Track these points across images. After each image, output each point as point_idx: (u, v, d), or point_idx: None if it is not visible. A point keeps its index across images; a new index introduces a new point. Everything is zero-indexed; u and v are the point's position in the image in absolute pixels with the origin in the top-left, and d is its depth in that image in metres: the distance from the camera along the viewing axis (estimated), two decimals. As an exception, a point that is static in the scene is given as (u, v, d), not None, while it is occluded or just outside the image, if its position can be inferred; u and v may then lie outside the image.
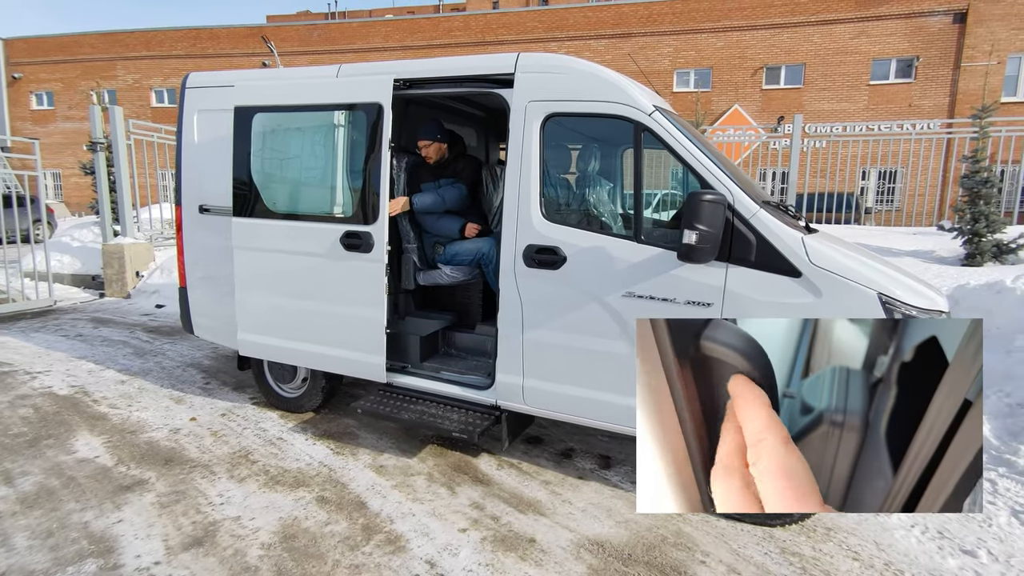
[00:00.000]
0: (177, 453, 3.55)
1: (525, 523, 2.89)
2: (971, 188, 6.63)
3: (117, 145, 8.63)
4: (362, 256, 3.49)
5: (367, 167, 3.43)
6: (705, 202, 2.57)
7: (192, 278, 4.46)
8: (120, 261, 8.55)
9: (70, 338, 6.10)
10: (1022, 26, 18.67)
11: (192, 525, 2.79)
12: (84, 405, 4.27)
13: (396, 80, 3.39)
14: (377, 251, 3.44)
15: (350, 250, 3.51)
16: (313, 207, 3.70)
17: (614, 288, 2.98)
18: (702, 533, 2.84)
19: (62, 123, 27.58)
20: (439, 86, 3.48)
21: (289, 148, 3.73)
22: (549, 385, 3.22)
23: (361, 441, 3.78)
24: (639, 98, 2.94)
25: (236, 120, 3.74)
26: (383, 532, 2.79)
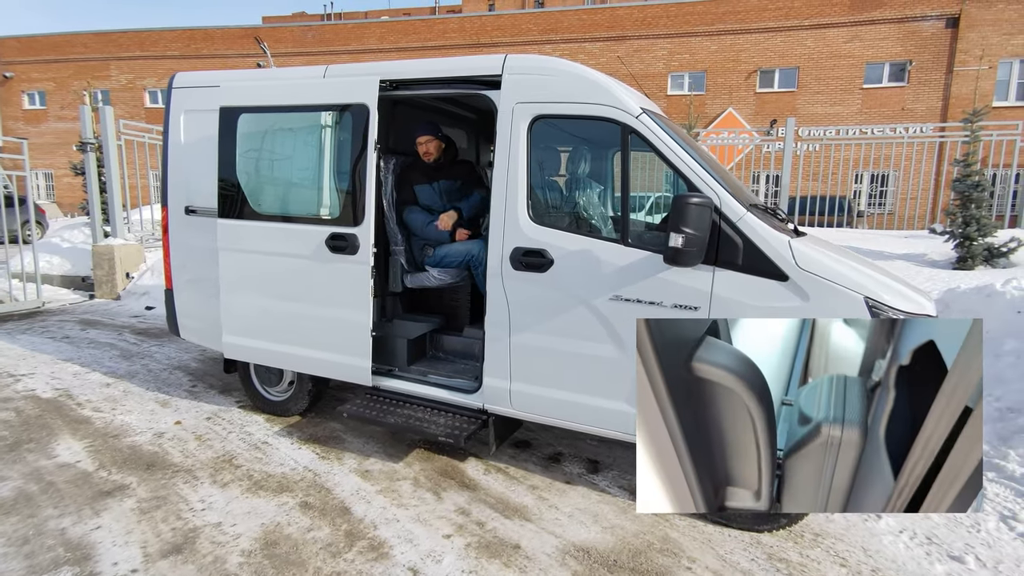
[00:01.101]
0: (160, 458, 3.50)
1: (511, 529, 2.86)
2: (963, 192, 6.64)
3: (107, 145, 8.56)
4: (348, 258, 3.46)
5: (353, 169, 3.41)
6: (691, 205, 2.55)
7: (178, 280, 4.41)
8: (110, 262, 8.48)
9: (57, 340, 6.03)
10: (1013, 31, 18.80)
11: (172, 532, 2.75)
12: (67, 408, 4.22)
13: (382, 81, 3.37)
14: (363, 253, 3.41)
15: (336, 252, 3.48)
16: (299, 209, 3.67)
17: (601, 291, 2.96)
18: (688, 539, 2.82)
19: (54, 123, 27.42)
20: (426, 87, 3.46)
21: (275, 149, 3.70)
22: (536, 389, 3.19)
23: (347, 445, 3.74)
24: (626, 100, 2.92)
25: (221, 121, 3.71)
26: (366, 538, 2.75)
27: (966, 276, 5.85)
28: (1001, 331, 4.19)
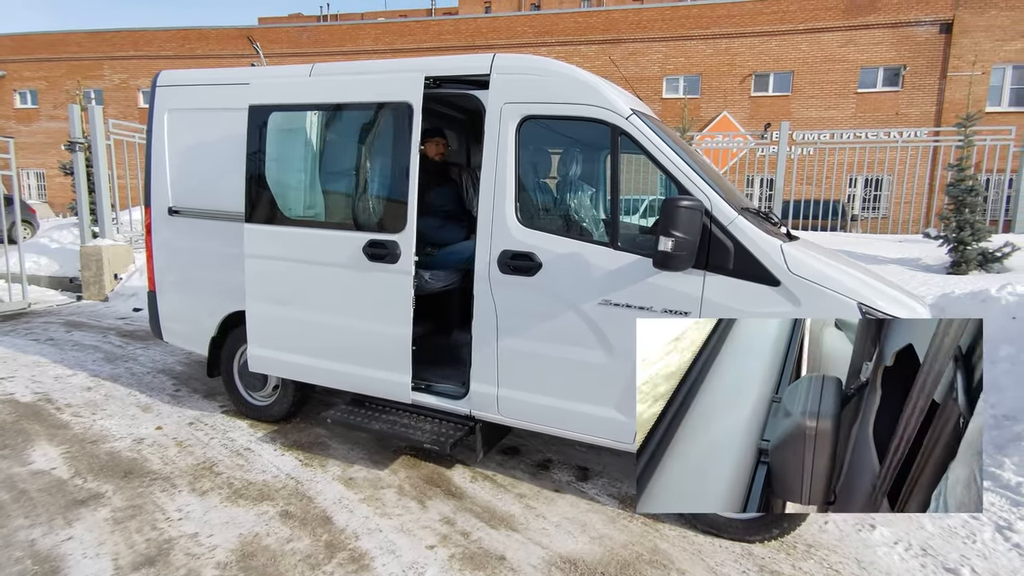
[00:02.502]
0: (138, 464, 3.41)
1: (496, 539, 2.78)
2: (956, 196, 6.63)
3: (96, 145, 8.46)
4: (387, 267, 3.24)
5: (394, 172, 3.22)
6: (681, 208, 2.49)
7: (161, 282, 4.32)
8: (98, 263, 8.36)
9: (40, 342, 5.92)
10: (1006, 37, 18.89)
11: (146, 543, 2.66)
12: (46, 413, 4.12)
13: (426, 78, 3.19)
14: (404, 261, 3.18)
15: (374, 260, 3.27)
16: (333, 214, 3.45)
17: (590, 296, 2.89)
18: (679, 549, 2.75)
19: (46, 122, 27.22)
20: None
21: (308, 150, 3.48)
22: (524, 395, 3.12)
23: (332, 452, 3.65)
24: (616, 101, 2.86)
25: (250, 120, 3.52)
26: (347, 549, 2.67)
27: (960, 281, 5.83)
28: (997, 337, 4.15)
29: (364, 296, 3.32)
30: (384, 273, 3.23)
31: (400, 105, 3.14)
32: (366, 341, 3.36)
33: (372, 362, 3.37)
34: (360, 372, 3.42)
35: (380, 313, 3.29)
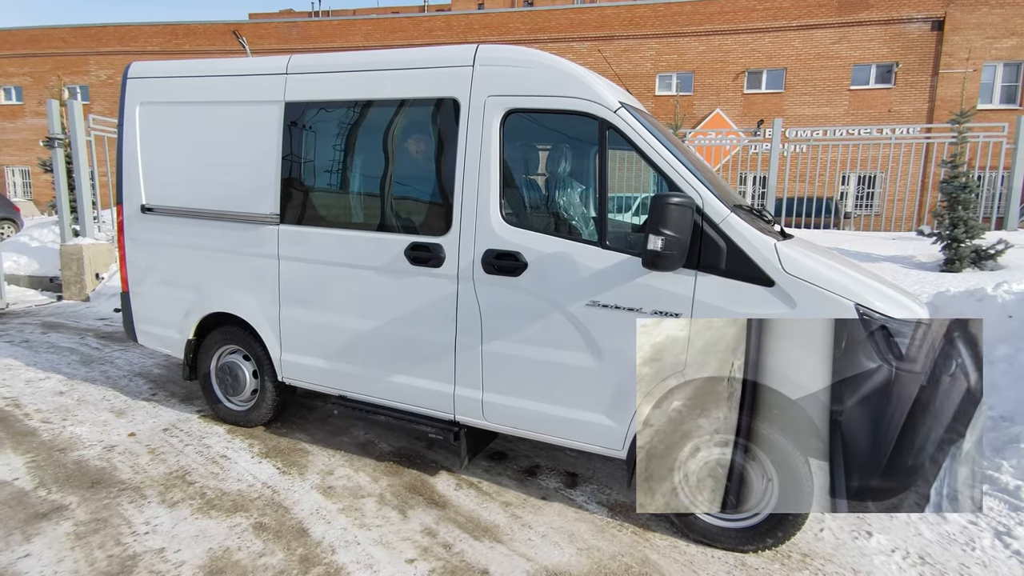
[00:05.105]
0: (107, 474, 3.26)
1: (479, 552, 2.66)
2: (950, 193, 6.55)
3: (76, 141, 8.26)
4: (431, 271, 3.10)
5: (439, 171, 3.09)
6: (671, 205, 2.38)
7: (135, 283, 4.16)
8: (79, 263, 8.17)
9: (14, 344, 5.74)
10: (997, 35, 18.91)
11: (108, 559, 2.52)
12: (13, 419, 3.96)
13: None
14: (449, 265, 3.06)
15: (417, 264, 3.13)
16: (373, 215, 3.30)
17: (577, 297, 2.78)
18: (669, 560, 2.64)
19: (31, 119, 26.77)
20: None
21: (348, 149, 3.35)
22: (509, 400, 3.00)
23: (311, 458, 3.52)
24: (603, 93, 2.74)
25: (286, 117, 3.40)
26: (322, 564, 2.54)
27: (955, 279, 5.75)
28: (993, 336, 4.06)
29: (404, 302, 3.18)
30: (427, 278, 3.10)
31: (446, 101, 3.02)
32: (408, 349, 3.21)
33: (414, 371, 3.22)
34: (402, 382, 3.26)
35: (423, 319, 3.15)
